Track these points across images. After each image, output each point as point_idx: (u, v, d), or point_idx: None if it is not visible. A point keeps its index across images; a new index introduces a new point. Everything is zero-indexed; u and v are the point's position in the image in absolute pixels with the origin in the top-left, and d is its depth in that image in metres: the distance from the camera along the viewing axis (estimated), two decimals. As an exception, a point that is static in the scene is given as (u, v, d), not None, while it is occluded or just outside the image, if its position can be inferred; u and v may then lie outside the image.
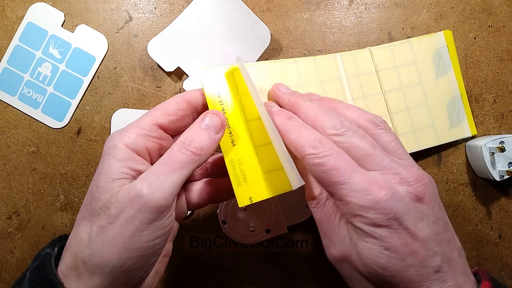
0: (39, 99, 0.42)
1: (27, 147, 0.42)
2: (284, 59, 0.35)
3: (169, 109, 0.28)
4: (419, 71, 0.40)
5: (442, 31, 0.41)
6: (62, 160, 0.42)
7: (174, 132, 0.29)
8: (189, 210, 0.31)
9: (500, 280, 0.42)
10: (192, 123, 0.29)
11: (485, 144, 0.39)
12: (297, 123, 0.27)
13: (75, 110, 0.42)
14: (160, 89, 0.42)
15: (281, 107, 0.30)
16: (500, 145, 0.39)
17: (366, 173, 0.24)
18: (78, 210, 0.42)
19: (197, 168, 0.27)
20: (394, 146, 0.27)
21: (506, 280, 0.42)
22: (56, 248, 0.28)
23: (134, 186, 0.25)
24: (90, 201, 0.26)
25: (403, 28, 0.42)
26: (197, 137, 0.26)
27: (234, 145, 0.29)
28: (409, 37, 0.41)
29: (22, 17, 0.42)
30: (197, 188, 0.30)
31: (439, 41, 0.41)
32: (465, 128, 0.41)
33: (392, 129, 0.36)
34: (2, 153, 0.42)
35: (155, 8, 0.43)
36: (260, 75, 0.33)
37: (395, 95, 0.38)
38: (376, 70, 0.38)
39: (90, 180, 0.42)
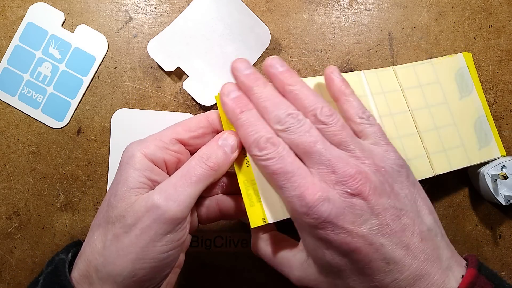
0: (39, 99, 0.42)
1: (27, 147, 0.42)
2: (305, 79, 0.32)
3: (191, 125, 0.28)
4: (444, 91, 0.39)
5: (461, 53, 0.41)
6: (62, 160, 0.42)
7: (193, 148, 0.29)
8: (200, 224, 0.31)
9: (500, 280, 0.42)
10: None
11: (487, 171, 0.39)
12: (247, 116, 0.27)
13: (75, 110, 0.42)
14: (160, 89, 0.42)
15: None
16: (502, 171, 0.39)
17: (305, 176, 0.25)
18: (78, 210, 0.42)
19: (211, 183, 0.28)
20: (341, 137, 0.26)
21: (506, 280, 0.42)
22: (70, 254, 0.28)
23: (151, 196, 0.25)
24: (107, 209, 0.26)
25: (403, 28, 0.42)
26: (214, 153, 0.27)
27: (248, 165, 0.28)
28: (431, 57, 0.41)
29: (22, 17, 0.42)
30: (210, 203, 0.30)
31: (460, 62, 0.40)
32: (494, 149, 0.40)
33: (423, 148, 0.36)
34: (2, 153, 0.42)
35: (155, 8, 0.43)
36: None
37: (422, 114, 0.37)
38: (401, 88, 0.37)
39: (90, 180, 0.42)
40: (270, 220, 0.27)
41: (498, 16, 0.43)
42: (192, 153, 0.29)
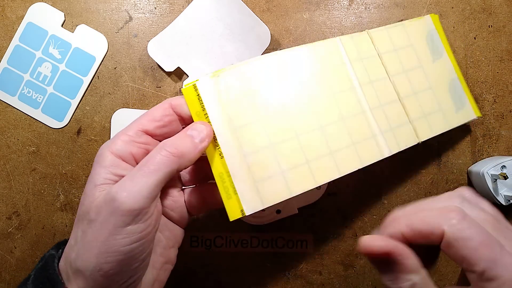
0: (39, 99, 0.42)
1: (27, 147, 0.42)
2: (278, 52, 0.32)
3: (155, 115, 0.28)
4: (417, 54, 0.38)
5: (429, 15, 0.40)
6: (62, 160, 0.42)
7: (162, 138, 0.29)
8: (191, 215, 0.31)
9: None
10: (180, 129, 0.29)
11: (487, 171, 0.39)
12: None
13: (75, 110, 0.42)
14: (160, 89, 0.42)
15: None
16: (502, 171, 0.39)
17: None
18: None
19: (178, 172, 0.27)
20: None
21: None
22: (60, 250, 0.28)
23: (109, 190, 0.25)
24: (79, 207, 0.26)
25: (403, 28, 0.42)
26: (179, 141, 0.27)
27: (222, 157, 0.28)
28: (402, 20, 0.41)
29: (22, 17, 0.42)
30: (193, 193, 0.30)
31: (428, 24, 0.39)
32: (469, 110, 0.39)
33: (405, 115, 0.35)
34: (2, 153, 0.42)
35: (155, 8, 0.43)
36: (255, 75, 0.30)
37: (401, 79, 0.36)
38: (378, 53, 0.36)
39: (90, 180, 0.42)
40: (248, 212, 0.27)
41: (498, 16, 0.43)
42: (159, 139, 0.29)
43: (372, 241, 0.22)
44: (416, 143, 0.35)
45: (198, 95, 0.28)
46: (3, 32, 0.42)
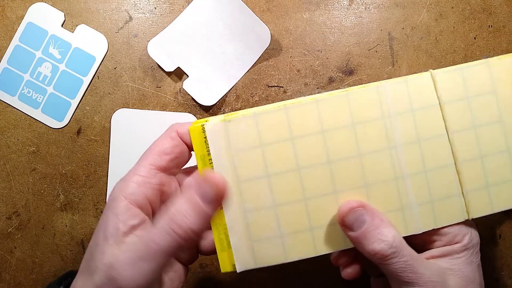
0: (39, 99, 0.42)
1: (27, 147, 0.42)
2: (301, 99, 0.27)
3: (165, 148, 0.27)
4: (500, 105, 0.28)
5: None
6: (62, 160, 0.42)
7: (174, 170, 0.28)
8: (202, 254, 0.30)
9: (500, 280, 0.42)
10: (190, 156, 0.28)
11: None
12: None
13: (75, 110, 0.42)
14: (160, 89, 0.42)
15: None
16: None
17: None
18: (78, 210, 0.42)
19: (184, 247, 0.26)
20: None
21: (506, 280, 0.42)
22: (62, 287, 0.28)
23: (113, 265, 0.23)
24: (90, 257, 0.25)
25: (403, 28, 0.42)
26: (184, 213, 0.24)
27: (221, 208, 0.26)
28: (487, 57, 0.30)
29: (22, 17, 0.42)
30: (210, 236, 0.29)
31: None
32: None
33: (458, 185, 0.28)
34: (2, 153, 0.42)
35: (155, 8, 0.43)
36: (270, 127, 0.27)
37: (465, 138, 0.28)
38: (439, 102, 0.28)
39: (90, 180, 0.42)
40: (240, 269, 0.26)
41: (498, 16, 0.43)
42: (173, 175, 0.28)
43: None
44: (462, 221, 0.28)
45: (205, 137, 0.27)
46: (3, 32, 0.42)
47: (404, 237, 0.26)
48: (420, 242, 0.28)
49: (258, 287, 0.42)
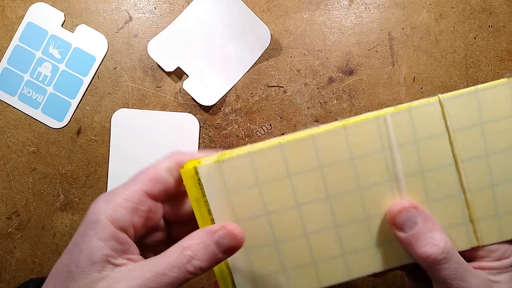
0: (39, 99, 0.42)
1: (27, 147, 0.42)
2: (296, 134, 0.25)
3: (161, 177, 0.25)
4: None
5: None
6: (62, 160, 0.42)
7: (163, 199, 0.27)
8: None
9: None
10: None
11: None
12: None
13: (75, 110, 0.42)
14: (160, 89, 0.42)
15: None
16: None
17: None
18: (78, 210, 0.42)
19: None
20: None
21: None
22: None
23: None
24: (67, 276, 0.24)
25: (403, 28, 0.42)
26: (198, 255, 0.23)
27: None
28: (510, 76, 0.26)
29: (22, 17, 0.42)
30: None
31: None
32: None
33: (466, 213, 0.26)
34: (2, 153, 0.42)
35: (155, 8, 0.43)
36: (267, 165, 0.26)
37: (476, 166, 0.26)
38: (448, 130, 0.25)
39: (90, 180, 0.42)
40: None
41: (498, 16, 0.43)
42: (162, 201, 0.27)
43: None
44: (471, 248, 0.27)
45: (198, 179, 0.25)
46: (3, 32, 0.42)
47: None
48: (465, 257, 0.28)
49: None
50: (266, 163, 0.26)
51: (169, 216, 0.27)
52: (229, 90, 0.42)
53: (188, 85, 0.41)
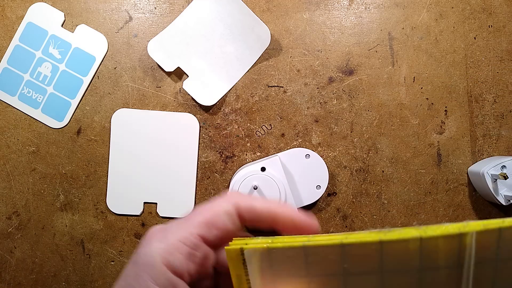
0: (39, 99, 0.42)
1: (27, 147, 0.42)
2: (363, 234, 0.24)
3: (219, 221, 0.23)
4: None
5: None
6: (62, 160, 0.42)
7: (217, 246, 0.25)
8: None
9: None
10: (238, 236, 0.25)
11: (487, 171, 0.39)
12: None
13: (75, 110, 0.42)
14: (160, 89, 0.42)
15: None
16: (502, 171, 0.38)
17: None
18: (78, 210, 0.42)
19: None
20: None
21: None
22: None
23: None
24: None
25: (403, 28, 0.42)
26: None
27: None
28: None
29: (22, 17, 0.42)
30: None
31: None
32: None
33: None
34: (2, 153, 0.42)
35: (155, 8, 0.43)
36: (314, 259, 0.25)
37: None
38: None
39: (90, 180, 0.42)
40: None
41: (498, 16, 0.43)
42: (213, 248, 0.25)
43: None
44: None
45: (243, 259, 0.24)
46: (3, 32, 0.42)
47: None
48: None
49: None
50: (322, 258, 0.24)
51: (218, 265, 0.26)
52: (229, 90, 0.42)
53: (188, 85, 0.41)
